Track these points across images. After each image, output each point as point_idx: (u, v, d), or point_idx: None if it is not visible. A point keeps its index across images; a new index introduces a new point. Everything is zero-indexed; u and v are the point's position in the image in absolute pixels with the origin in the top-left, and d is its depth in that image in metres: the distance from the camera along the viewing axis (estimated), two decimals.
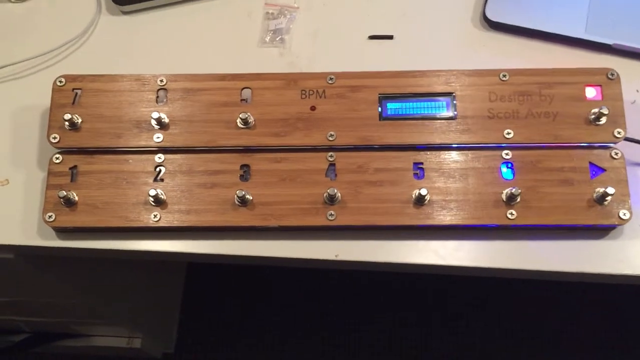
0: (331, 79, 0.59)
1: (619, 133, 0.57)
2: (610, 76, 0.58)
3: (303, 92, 0.59)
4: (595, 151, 0.57)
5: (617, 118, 0.57)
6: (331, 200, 0.56)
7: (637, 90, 0.62)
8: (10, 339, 1.11)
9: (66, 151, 0.58)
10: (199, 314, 1.30)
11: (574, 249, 0.56)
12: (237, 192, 0.56)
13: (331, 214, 0.56)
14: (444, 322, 1.28)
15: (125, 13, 0.68)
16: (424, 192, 0.55)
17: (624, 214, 0.55)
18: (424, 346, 1.26)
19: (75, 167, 0.58)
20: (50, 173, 0.58)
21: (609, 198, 0.55)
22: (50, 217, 0.56)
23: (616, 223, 0.55)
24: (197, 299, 1.31)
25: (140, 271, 1.06)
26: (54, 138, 0.58)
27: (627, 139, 0.57)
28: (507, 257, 0.57)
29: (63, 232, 0.58)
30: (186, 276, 1.31)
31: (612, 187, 0.55)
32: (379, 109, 0.58)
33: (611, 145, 0.57)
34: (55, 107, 0.59)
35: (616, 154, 0.57)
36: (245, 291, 1.32)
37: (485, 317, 1.27)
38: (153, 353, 1.21)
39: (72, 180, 0.57)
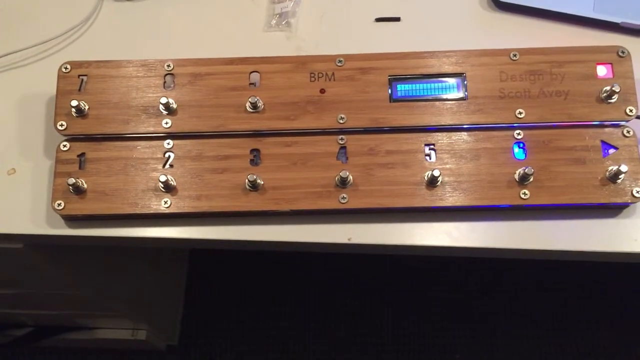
0: (340, 61, 0.59)
1: (630, 111, 0.56)
2: (620, 54, 0.58)
3: (312, 74, 0.58)
4: (607, 129, 0.57)
5: (629, 96, 0.57)
6: (343, 183, 0.56)
7: None
8: (13, 333, 1.10)
9: (73, 138, 0.58)
10: (202, 306, 1.30)
11: (588, 228, 0.56)
12: (248, 176, 0.55)
13: (343, 197, 0.56)
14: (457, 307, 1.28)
15: None
16: (436, 173, 0.55)
17: (637, 192, 0.55)
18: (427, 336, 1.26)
19: (83, 154, 0.57)
20: (58, 161, 0.57)
21: (622, 176, 0.55)
22: (59, 205, 0.56)
23: (629, 201, 0.55)
24: (201, 290, 1.30)
25: (144, 263, 1.05)
26: (61, 125, 0.57)
27: (639, 117, 0.57)
28: (520, 238, 0.56)
29: (72, 220, 0.57)
30: (189, 267, 1.31)
31: (625, 164, 0.54)
32: (389, 90, 0.58)
33: (623, 123, 0.57)
34: (62, 94, 0.58)
35: (628, 132, 0.57)
36: (249, 282, 1.31)
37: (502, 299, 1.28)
38: (157, 345, 1.21)
39: (80, 167, 0.57)
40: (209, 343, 1.27)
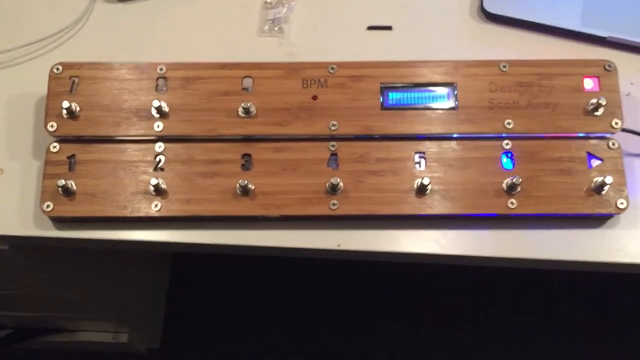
0: (333, 68, 0.59)
1: (616, 124, 0.58)
2: (607, 68, 0.59)
3: (304, 81, 0.59)
4: (593, 141, 0.58)
5: (614, 109, 0.58)
6: (333, 189, 0.56)
7: (632, 83, 0.63)
8: None
9: (63, 140, 0.57)
10: (185, 309, 1.29)
11: (572, 237, 0.57)
12: (239, 181, 0.55)
13: (333, 204, 0.56)
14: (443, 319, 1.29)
15: (120, 1, 0.67)
16: (426, 181, 0.55)
17: (621, 203, 0.56)
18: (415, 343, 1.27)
19: (73, 156, 0.57)
20: (47, 162, 0.57)
21: (606, 187, 0.56)
22: (48, 206, 0.55)
23: (613, 212, 0.56)
24: (183, 293, 1.30)
25: (127, 265, 1.04)
26: (52, 126, 0.57)
27: (623, 130, 0.58)
28: (507, 246, 0.57)
29: (61, 222, 0.57)
30: (172, 271, 1.30)
31: (610, 176, 0.55)
32: (381, 98, 0.58)
33: (608, 135, 0.58)
34: (53, 95, 0.58)
35: (613, 144, 0.58)
36: (231, 285, 1.31)
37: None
38: (138, 348, 1.20)
39: (70, 169, 0.57)
40: (190, 346, 1.27)
